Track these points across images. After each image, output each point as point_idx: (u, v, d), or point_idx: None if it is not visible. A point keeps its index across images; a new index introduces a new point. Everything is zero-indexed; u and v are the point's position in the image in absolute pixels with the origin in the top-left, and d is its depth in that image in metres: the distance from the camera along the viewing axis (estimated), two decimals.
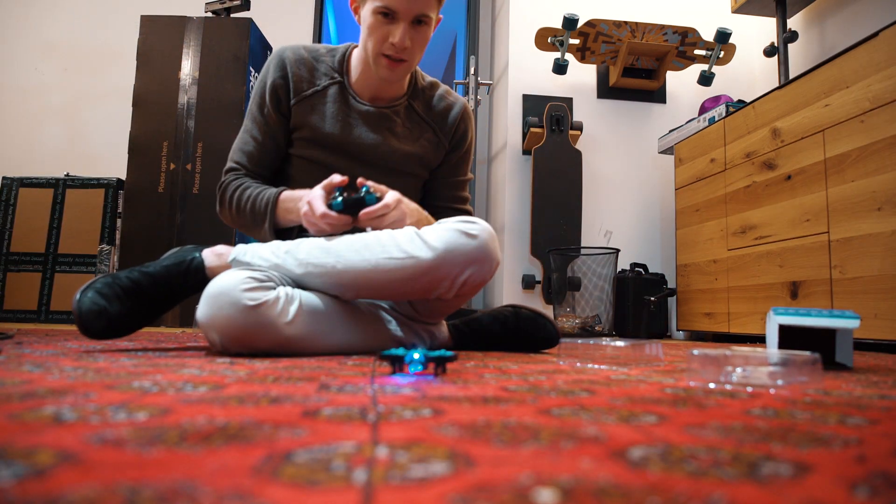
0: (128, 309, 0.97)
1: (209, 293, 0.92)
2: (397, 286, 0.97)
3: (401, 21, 1.04)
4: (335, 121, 1.16)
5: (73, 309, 0.93)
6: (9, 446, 0.29)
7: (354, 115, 1.17)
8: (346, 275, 0.97)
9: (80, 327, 0.93)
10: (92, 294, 0.95)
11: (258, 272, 0.95)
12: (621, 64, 2.98)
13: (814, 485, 0.26)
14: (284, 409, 0.41)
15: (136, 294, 0.99)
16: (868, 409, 0.49)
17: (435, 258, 0.95)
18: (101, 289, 0.96)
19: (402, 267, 0.95)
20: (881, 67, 1.61)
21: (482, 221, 1.01)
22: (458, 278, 0.97)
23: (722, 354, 0.67)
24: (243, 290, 0.89)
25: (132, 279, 1.00)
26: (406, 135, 1.21)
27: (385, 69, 1.09)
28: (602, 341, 0.95)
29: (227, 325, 0.88)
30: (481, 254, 0.97)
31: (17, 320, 2.67)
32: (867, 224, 1.64)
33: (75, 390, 0.48)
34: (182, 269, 1.06)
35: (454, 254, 0.95)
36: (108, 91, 3.23)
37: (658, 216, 3.10)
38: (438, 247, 0.95)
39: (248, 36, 2.65)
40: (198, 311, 0.92)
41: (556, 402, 0.49)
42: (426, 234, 0.98)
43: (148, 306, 1.01)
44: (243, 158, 1.18)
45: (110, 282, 0.98)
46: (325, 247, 0.99)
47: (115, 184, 2.78)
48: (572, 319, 2.58)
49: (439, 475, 0.26)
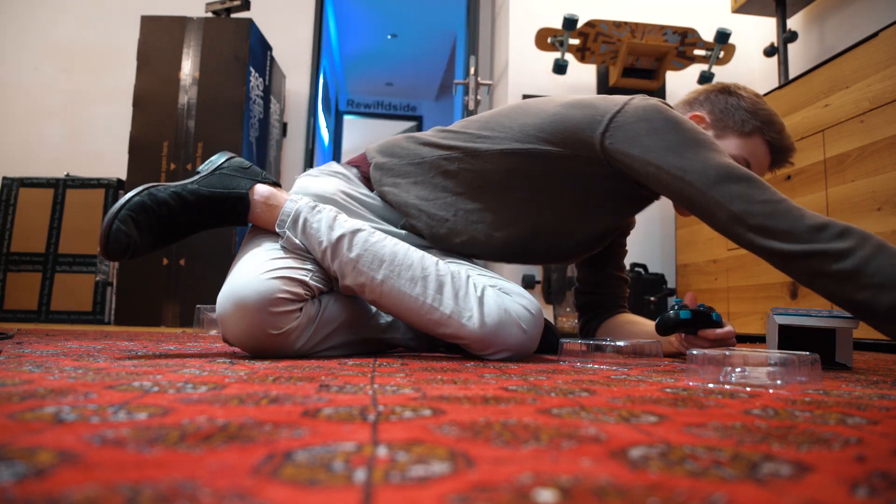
0: (155, 237, 0.89)
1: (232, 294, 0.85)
2: (429, 329, 0.92)
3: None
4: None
5: (102, 228, 0.85)
6: (9, 446, 0.29)
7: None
8: (385, 298, 0.91)
9: (103, 248, 0.85)
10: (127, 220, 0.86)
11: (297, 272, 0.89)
12: (621, 64, 2.97)
13: (814, 485, 0.26)
14: (284, 409, 0.41)
15: (169, 225, 0.91)
16: (868, 409, 0.49)
17: (478, 333, 0.89)
18: (137, 216, 0.87)
19: (442, 322, 0.90)
20: (881, 67, 1.61)
21: (540, 313, 0.96)
22: (485, 351, 0.91)
23: (721, 354, 0.67)
24: (271, 312, 0.84)
25: (171, 209, 0.90)
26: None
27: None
28: (602, 341, 0.96)
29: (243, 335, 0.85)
30: (522, 348, 0.92)
31: (18, 320, 2.67)
32: (867, 224, 1.64)
33: (75, 390, 0.48)
34: (225, 209, 0.95)
35: (500, 338, 0.90)
36: (108, 91, 3.23)
37: (658, 216, 3.10)
38: (489, 325, 0.89)
39: (248, 36, 2.65)
40: (218, 303, 0.87)
41: (556, 402, 0.49)
42: (487, 298, 0.91)
43: (174, 234, 0.92)
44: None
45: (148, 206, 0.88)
46: (381, 256, 0.92)
47: (115, 184, 2.78)
48: (572, 319, 2.58)
49: (439, 475, 0.26)
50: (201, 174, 0.96)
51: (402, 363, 0.83)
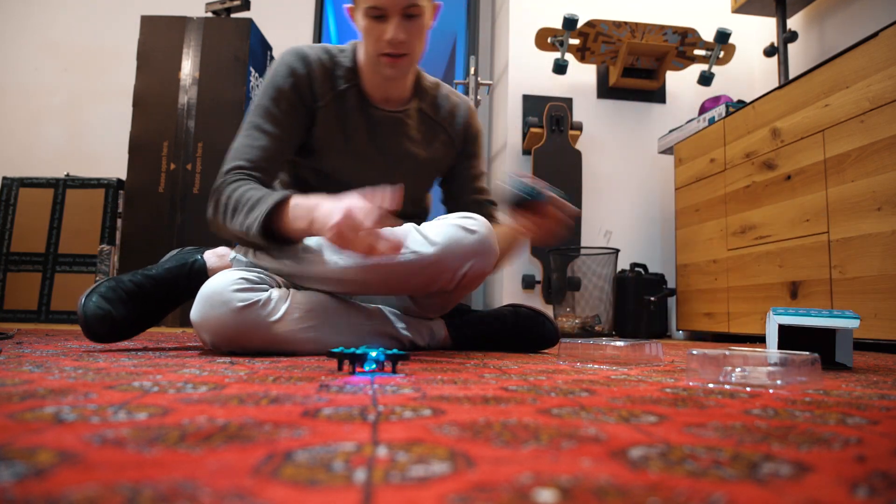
0: (132, 312, 0.99)
1: (202, 294, 0.94)
2: (400, 280, 0.99)
3: (391, 17, 1.02)
4: (356, 129, 1.13)
5: (79, 314, 0.94)
6: (9, 446, 0.29)
7: (373, 121, 1.14)
8: (349, 271, 0.98)
9: (86, 331, 0.94)
10: (96, 298, 0.96)
11: (252, 273, 0.96)
12: (621, 64, 2.97)
13: (814, 485, 0.26)
14: (284, 409, 0.41)
15: (139, 297, 1.00)
16: (868, 409, 0.49)
17: (436, 252, 0.97)
18: (105, 293, 0.97)
19: (405, 262, 0.97)
20: (881, 67, 1.61)
21: (480, 217, 1.02)
22: (458, 271, 0.99)
23: (721, 354, 0.67)
24: (234, 290, 0.91)
25: (135, 282, 1.01)
26: (420, 139, 1.19)
27: (387, 67, 1.06)
28: (602, 341, 0.96)
29: (219, 325, 0.90)
30: (481, 247, 0.99)
31: (18, 320, 2.67)
32: (867, 224, 1.64)
33: (75, 390, 0.48)
34: (184, 272, 1.07)
35: (455, 248, 0.98)
36: (108, 91, 3.22)
37: (658, 216, 3.10)
38: (439, 241, 0.97)
39: (248, 36, 2.65)
40: (192, 312, 0.94)
41: (556, 402, 0.49)
42: (427, 229, 1.00)
43: (151, 309, 1.03)
44: (252, 154, 1.04)
45: (114, 285, 0.99)
46: (328, 244, 0.99)
47: (115, 184, 2.78)
48: (572, 319, 2.58)
49: (439, 475, 0.26)
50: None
51: (402, 363, 0.83)
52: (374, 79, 1.13)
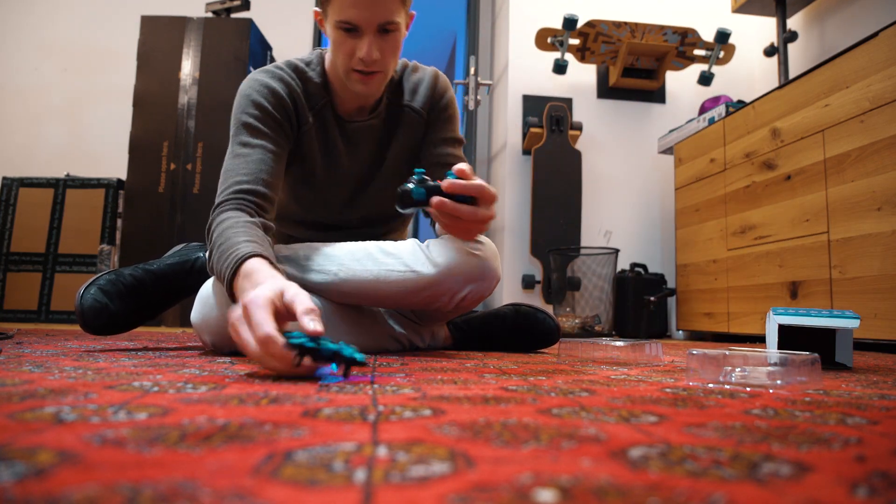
0: (129, 306, 0.98)
1: (202, 295, 0.94)
2: (397, 298, 0.98)
3: (365, 34, 0.94)
4: (335, 145, 1.09)
5: (76, 305, 0.94)
6: (9, 446, 0.29)
7: (347, 135, 1.10)
8: (347, 284, 0.97)
9: (82, 323, 0.94)
10: (95, 291, 0.96)
11: None
12: (621, 64, 2.98)
13: (814, 485, 0.26)
14: (284, 409, 0.41)
15: (138, 292, 1.00)
16: (868, 409, 0.49)
17: (437, 274, 0.95)
18: (105, 286, 0.97)
19: (404, 280, 0.96)
20: (881, 67, 1.61)
21: (487, 241, 1.01)
22: (457, 294, 0.97)
23: (721, 354, 0.67)
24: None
25: (136, 277, 1.01)
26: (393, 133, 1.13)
27: (359, 84, 1.00)
28: (602, 341, 0.96)
29: (219, 325, 0.90)
30: (483, 272, 0.97)
31: (18, 320, 2.67)
32: (867, 224, 1.64)
33: (75, 390, 0.48)
34: (186, 269, 1.07)
35: (456, 271, 0.96)
36: (108, 91, 3.22)
37: (658, 216, 3.10)
38: (441, 263, 0.96)
39: (248, 36, 2.65)
40: (192, 314, 0.93)
41: (556, 401, 0.49)
42: (431, 248, 0.98)
43: (150, 304, 1.02)
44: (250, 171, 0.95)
45: (114, 279, 0.99)
46: (327, 253, 0.99)
47: (115, 184, 2.78)
48: (572, 319, 2.58)
49: (439, 475, 0.26)
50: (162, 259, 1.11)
51: (402, 363, 0.83)
52: (344, 93, 1.07)
